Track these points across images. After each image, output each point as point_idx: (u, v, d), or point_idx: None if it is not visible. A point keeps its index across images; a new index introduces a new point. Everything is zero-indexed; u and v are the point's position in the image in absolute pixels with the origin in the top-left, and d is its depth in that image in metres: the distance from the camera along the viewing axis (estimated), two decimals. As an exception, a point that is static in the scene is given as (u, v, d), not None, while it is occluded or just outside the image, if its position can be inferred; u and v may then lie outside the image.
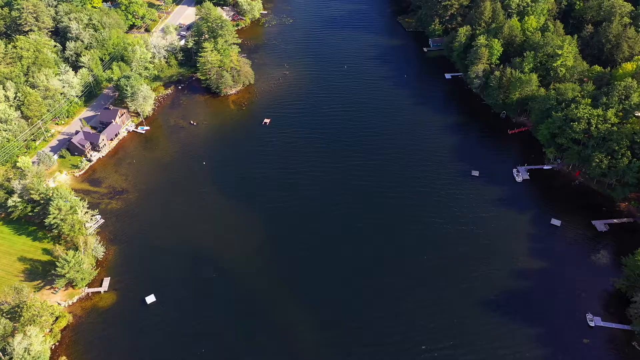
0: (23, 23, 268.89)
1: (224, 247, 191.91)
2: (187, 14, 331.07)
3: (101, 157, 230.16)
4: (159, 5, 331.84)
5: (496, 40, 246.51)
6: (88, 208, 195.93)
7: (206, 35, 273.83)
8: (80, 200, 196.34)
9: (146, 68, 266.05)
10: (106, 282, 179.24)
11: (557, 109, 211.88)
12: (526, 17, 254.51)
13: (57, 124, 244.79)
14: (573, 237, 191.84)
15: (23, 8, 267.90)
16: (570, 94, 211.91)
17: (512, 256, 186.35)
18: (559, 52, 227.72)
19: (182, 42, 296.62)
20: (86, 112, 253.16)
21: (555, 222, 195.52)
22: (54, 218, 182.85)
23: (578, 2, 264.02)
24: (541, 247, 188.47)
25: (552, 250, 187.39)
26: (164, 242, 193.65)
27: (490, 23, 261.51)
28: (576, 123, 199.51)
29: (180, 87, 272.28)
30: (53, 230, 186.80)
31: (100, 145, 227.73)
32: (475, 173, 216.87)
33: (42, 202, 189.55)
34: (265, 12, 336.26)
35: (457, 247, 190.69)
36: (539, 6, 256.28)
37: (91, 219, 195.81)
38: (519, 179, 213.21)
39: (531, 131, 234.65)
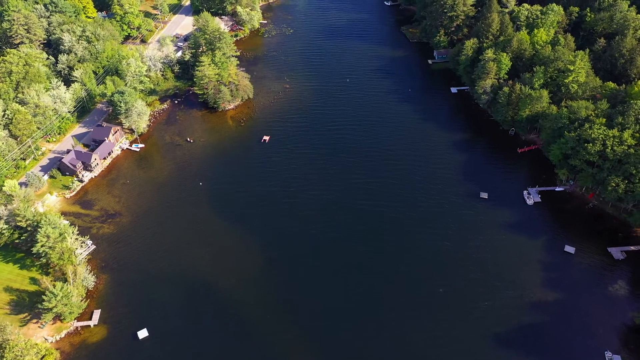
0: (14, 35, 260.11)
1: (220, 274, 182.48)
2: (185, 24, 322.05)
3: (93, 177, 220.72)
4: (155, 15, 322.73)
5: (505, 54, 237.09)
6: (78, 234, 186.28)
7: (204, 48, 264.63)
8: (70, 225, 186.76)
9: (141, 82, 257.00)
10: (96, 314, 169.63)
11: (570, 128, 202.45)
12: (535, 30, 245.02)
13: (48, 141, 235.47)
14: (588, 265, 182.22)
15: (14, 20, 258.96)
16: (583, 112, 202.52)
17: (524, 285, 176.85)
18: (571, 67, 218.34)
19: (179, 54, 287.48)
20: (79, 129, 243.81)
21: (569, 249, 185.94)
22: (41, 246, 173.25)
23: (589, 14, 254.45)
24: (555, 276, 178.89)
25: (566, 279, 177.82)
26: (157, 269, 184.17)
27: (498, 36, 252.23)
28: (590, 144, 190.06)
29: (176, 102, 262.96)
30: (41, 259, 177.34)
31: (93, 165, 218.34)
32: (484, 195, 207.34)
33: (29, 229, 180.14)
34: (265, 21, 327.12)
35: (466, 274, 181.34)
36: (548, 19, 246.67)
37: (81, 245, 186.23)
38: (529, 202, 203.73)
39: (541, 149, 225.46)
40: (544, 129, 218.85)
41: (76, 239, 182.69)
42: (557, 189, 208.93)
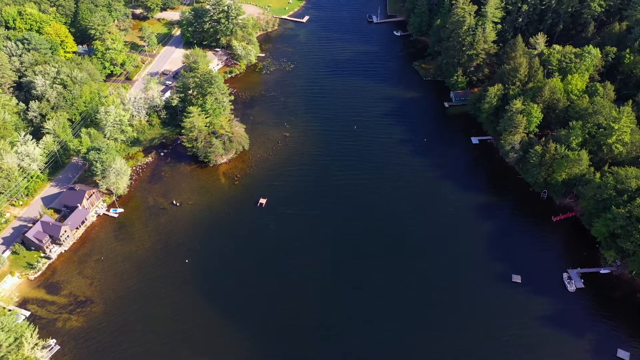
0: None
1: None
2: (174, 57, 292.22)
3: (63, 251, 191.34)
4: (142, 47, 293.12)
5: (535, 105, 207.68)
6: (39, 336, 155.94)
7: (193, 92, 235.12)
8: (29, 324, 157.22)
9: (123, 131, 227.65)
10: None
11: (618, 201, 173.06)
12: (569, 76, 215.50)
13: (14, 205, 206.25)
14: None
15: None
16: (633, 183, 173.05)
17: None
18: (615, 125, 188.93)
19: (167, 94, 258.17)
20: (50, 189, 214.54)
21: (623, 354, 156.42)
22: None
23: (628, 56, 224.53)
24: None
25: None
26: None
27: (526, 82, 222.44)
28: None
29: (162, 154, 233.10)
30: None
31: (62, 239, 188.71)
32: (517, 279, 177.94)
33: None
34: (263, 55, 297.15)
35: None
36: (584, 64, 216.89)
37: (42, 349, 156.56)
38: (571, 288, 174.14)
39: (580, 218, 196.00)
40: (584, 197, 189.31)
41: (35, 344, 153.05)
42: (602, 270, 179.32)
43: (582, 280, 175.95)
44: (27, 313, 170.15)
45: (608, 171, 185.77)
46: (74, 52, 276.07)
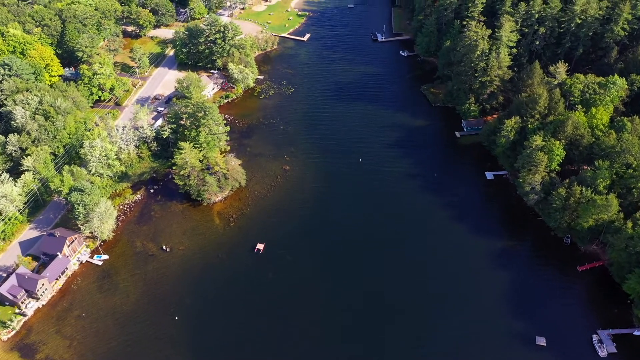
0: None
1: None
2: (168, 80, 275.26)
3: (41, 306, 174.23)
4: (133, 69, 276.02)
5: (557, 142, 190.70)
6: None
7: (186, 122, 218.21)
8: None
9: (109, 166, 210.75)
10: None
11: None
12: (594, 109, 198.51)
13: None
14: None
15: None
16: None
17: None
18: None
19: (159, 122, 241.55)
20: (29, 232, 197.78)
21: None
22: None
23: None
24: None
25: None
26: None
27: (546, 114, 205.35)
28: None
29: (152, 190, 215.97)
30: None
31: (39, 293, 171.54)
32: (541, 341, 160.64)
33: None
34: (262, 77, 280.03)
35: None
36: (608, 94, 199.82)
37: None
38: (602, 353, 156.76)
39: (608, 268, 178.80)
40: (613, 247, 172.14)
41: None
42: (636, 332, 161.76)
43: (614, 344, 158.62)
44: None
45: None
46: (59, 76, 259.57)
